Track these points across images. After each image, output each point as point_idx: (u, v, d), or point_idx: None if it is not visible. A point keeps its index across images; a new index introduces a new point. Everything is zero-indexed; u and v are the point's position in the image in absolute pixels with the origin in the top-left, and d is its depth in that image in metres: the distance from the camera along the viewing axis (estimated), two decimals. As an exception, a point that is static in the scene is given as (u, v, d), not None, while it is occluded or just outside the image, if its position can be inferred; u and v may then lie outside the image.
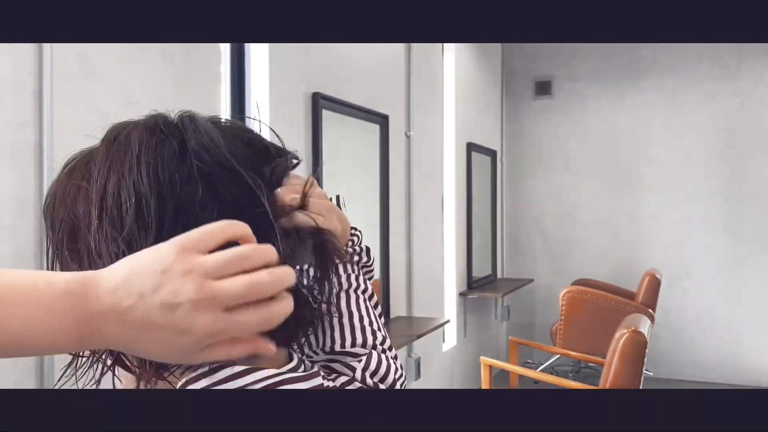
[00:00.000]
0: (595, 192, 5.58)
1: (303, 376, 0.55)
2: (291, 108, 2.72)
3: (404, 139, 3.77)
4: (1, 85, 1.61)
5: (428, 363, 3.99)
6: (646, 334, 2.53)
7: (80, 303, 0.44)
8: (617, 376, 2.41)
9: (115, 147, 0.56)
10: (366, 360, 0.63)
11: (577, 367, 5.26)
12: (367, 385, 0.62)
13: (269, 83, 2.58)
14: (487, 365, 3.02)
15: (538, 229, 5.81)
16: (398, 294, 3.67)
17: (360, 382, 0.62)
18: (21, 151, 1.64)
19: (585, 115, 5.60)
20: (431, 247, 4.17)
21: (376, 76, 3.47)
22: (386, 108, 3.49)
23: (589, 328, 4.26)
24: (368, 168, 3.42)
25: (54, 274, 0.47)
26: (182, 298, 0.44)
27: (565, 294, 4.37)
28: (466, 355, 4.84)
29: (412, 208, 3.82)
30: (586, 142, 5.60)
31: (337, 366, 0.63)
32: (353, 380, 0.62)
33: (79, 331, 0.44)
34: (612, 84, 5.49)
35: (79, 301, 0.44)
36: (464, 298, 4.74)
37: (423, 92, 3.99)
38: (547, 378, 3.17)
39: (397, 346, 3.16)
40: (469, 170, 4.83)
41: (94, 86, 1.82)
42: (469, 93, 4.97)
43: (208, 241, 0.46)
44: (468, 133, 4.88)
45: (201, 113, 0.59)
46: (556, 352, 4.10)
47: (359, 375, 0.62)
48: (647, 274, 4.64)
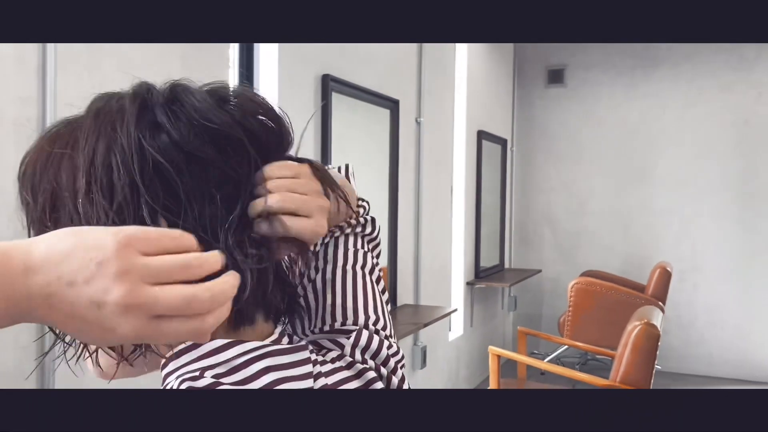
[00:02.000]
0: (606, 183, 5.51)
1: (287, 349, 0.55)
2: (300, 89, 2.67)
3: (414, 125, 3.71)
4: (4, 60, 1.56)
5: (434, 351, 3.96)
6: (659, 327, 2.48)
7: (7, 280, 0.41)
8: (629, 369, 2.37)
9: (103, 117, 0.53)
10: (356, 336, 0.61)
11: (584, 358, 5.22)
12: (357, 360, 0.60)
13: (278, 63, 2.53)
14: (495, 355, 2.98)
15: (548, 219, 5.75)
16: (406, 282, 3.63)
17: (350, 357, 0.60)
18: (23, 126, 1.59)
19: (598, 104, 5.52)
20: (439, 235, 4.12)
21: (388, 60, 3.41)
22: (397, 93, 3.44)
23: (597, 320, 4.23)
24: (378, 154, 3.37)
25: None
26: (111, 298, 0.41)
27: (574, 285, 4.32)
28: (472, 344, 4.80)
29: (421, 195, 3.77)
30: (598, 132, 5.52)
31: (325, 342, 0.62)
32: (343, 356, 0.60)
33: (8, 307, 0.41)
34: (626, 73, 5.41)
35: (6, 278, 0.41)
36: (471, 287, 4.70)
37: (434, 78, 3.93)
38: (554, 369, 3.13)
39: (403, 335, 3.12)
40: (479, 158, 4.77)
41: (99, 61, 1.77)
42: (481, 80, 4.90)
43: (155, 243, 0.43)
44: (479, 120, 4.82)
45: None
46: (565, 343, 4.06)
47: (348, 350, 0.60)
48: (657, 267, 4.58)
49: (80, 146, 0.53)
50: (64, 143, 0.55)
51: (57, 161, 0.54)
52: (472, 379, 4.85)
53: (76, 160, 0.53)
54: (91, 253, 0.41)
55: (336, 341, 0.61)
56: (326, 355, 0.59)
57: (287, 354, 0.55)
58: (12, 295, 0.41)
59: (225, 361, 0.52)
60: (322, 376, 0.57)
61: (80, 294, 0.41)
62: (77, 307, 0.41)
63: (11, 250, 0.41)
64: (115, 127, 0.52)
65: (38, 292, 0.41)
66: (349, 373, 0.59)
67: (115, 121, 0.52)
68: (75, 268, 0.41)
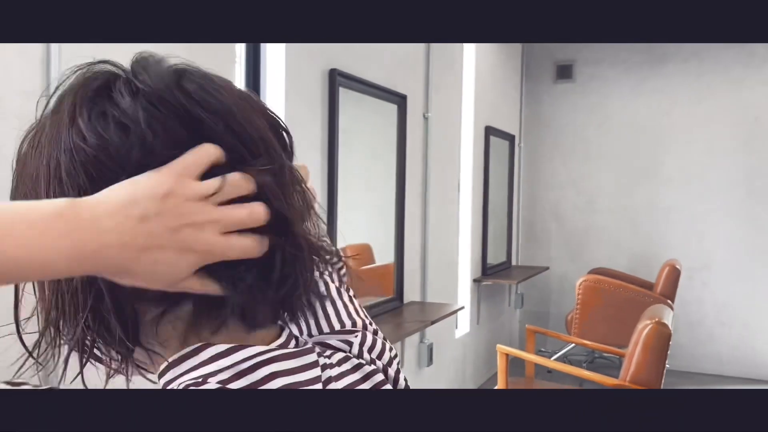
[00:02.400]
0: (614, 180, 5.46)
1: (294, 353, 0.53)
2: (307, 84, 2.64)
3: (422, 121, 3.68)
4: (7, 52, 1.54)
5: (441, 349, 3.93)
6: (670, 325, 2.45)
7: (74, 224, 0.44)
8: (639, 368, 2.33)
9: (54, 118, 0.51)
10: (362, 336, 0.61)
11: (591, 357, 5.19)
12: (365, 360, 0.59)
13: (285, 58, 2.50)
14: (504, 353, 2.95)
15: (555, 216, 5.71)
16: (412, 279, 3.61)
17: (357, 357, 0.59)
18: (28, 119, 1.57)
19: (606, 100, 5.47)
20: (446, 231, 4.09)
21: (395, 55, 3.37)
22: (404, 88, 3.41)
23: (605, 317, 4.20)
24: (385, 149, 3.34)
25: (39, 201, 0.46)
26: (187, 220, 0.46)
27: (582, 283, 4.29)
28: (479, 342, 4.78)
29: (428, 191, 3.74)
30: (607, 129, 5.48)
31: (333, 342, 0.60)
32: (349, 357, 0.59)
33: (76, 251, 0.44)
34: (635, 69, 5.36)
35: (73, 222, 0.44)
36: (478, 284, 4.67)
37: (442, 73, 3.89)
38: (563, 367, 3.10)
39: (410, 332, 3.11)
40: (486, 154, 4.74)
41: (104, 54, 1.75)
42: (489, 76, 4.87)
43: (200, 165, 0.47)
44: (486, 116, 4.78)
45: None
46: (572, 342, 4.03)
47: (356, 350, 0.60)
48: (666, 264, 4.55)
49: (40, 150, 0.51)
50: (36, 141, 0.52)
51: (25, 167, 0.53)
52: (479, 376, 4.82)
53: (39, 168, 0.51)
54: (156, 189, 0.45)
55: (345, 340, 0.60)
56: (332, 357, 0.57)
57: (294, 358, 0.53)
58: (80, 236, 0.43)
59: (229, 367, 0.50)
60: (332, 381, 0.55)
61: (155, 226, 0.45)
62: (153, 237, 0.45)
63: (76, 202, 0.44)
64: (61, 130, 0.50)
65: (109, 230, 0.44)
66: (357, 377, 0.58)
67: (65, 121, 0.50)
68: (144, 205, 0.45)
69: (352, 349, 0.59)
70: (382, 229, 3.36)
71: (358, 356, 0.59)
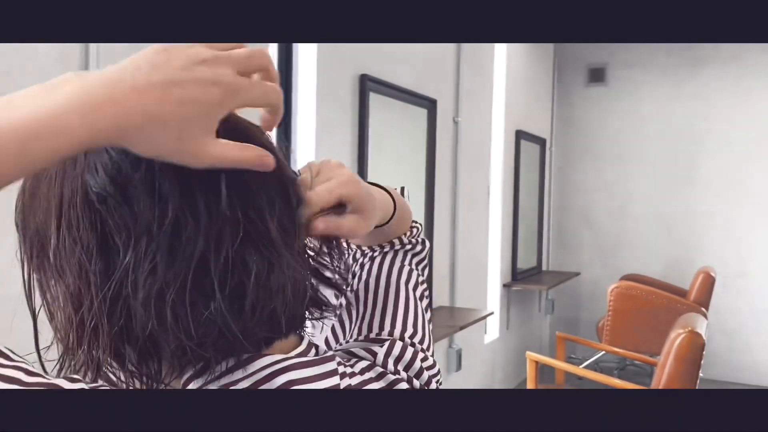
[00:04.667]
0: (648, 185, 5.37)
1: (312, 361, 0.52)
2: (338, 89, 2.66)
3: (452, 125, 3.67)
4: (47, 59, 1.58)
5: (469, 355, 3.91)
6: (704, 335, 2.40)
7: (89, 75, 0.41)
8: (671, 379, 2.29)
9: None
10: (389, 345, 0.59)
11: (622, 364, 5.11)
12: (389, 370, 0.57)
13: (317, 63, 2.52)
14: (533, 361, 2.93)
15: (587, 221, 5.64)
16: (441, 283, 3.60)
17: (381, 367, 0.58)
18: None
19: (640, 104, 5.39)
20: (476, 236, 4.07)
21: (425, 59, 3.37)
22: (434, 92, 3.40)
23: (637, 325, 4.13)
24: (414, 153, 3.34)
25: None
26: (197, 58, 0.43)
27: (614, 289, 4.22)
28: (508, 348, 4.74)
29: (457, 195, 3.72)
30: (640, 133, 5.39)
31: (357, 350, 0.59)
32: (374, 365, 0.58)
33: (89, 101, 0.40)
34: (670, 72, 5.27)
35: (88, 75, 0.41)
36: (508, 289, 4.64)
37: (472, 77, 3.88)
38: (594, 376, 3.06)
39: (438, 337, 3.08)
40: (517, 158, 4.71)
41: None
42: (520, 79, 4.83)
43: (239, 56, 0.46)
44: (517, 120, 4.75)
45: None
46: (604, 349, 3.97)
47: (381, 359, 0.58)
48: (701, 271, 4.45)
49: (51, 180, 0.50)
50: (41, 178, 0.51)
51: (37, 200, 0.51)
52: (508, 382, 4.78)
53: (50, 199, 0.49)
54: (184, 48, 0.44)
55: (369, 349, 0.59)
56: (355, 366, 0.56)
57: (312, 366, 0.52)
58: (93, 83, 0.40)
59: (247, 376, 0.50)
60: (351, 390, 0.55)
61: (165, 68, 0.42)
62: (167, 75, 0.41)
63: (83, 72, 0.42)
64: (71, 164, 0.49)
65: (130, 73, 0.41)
66: (380, 385, 0.57)
67: None
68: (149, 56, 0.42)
69: (376, 359, 0.59)
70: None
71: (383, 366, 0.58)
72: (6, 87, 1.53)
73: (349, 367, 0.55)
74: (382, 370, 0.58)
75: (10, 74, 1.50)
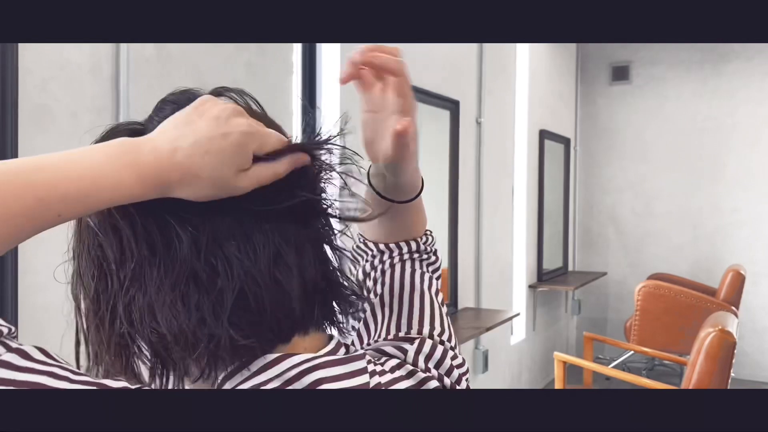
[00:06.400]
0: (674, 182, 5.31)
1: (341, 359, 0.53)
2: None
3: (475, 126, 3.67)
4: (79, 70, 1.62)
5: (496, 356, 3.91)
6: (735, 334, 2.37)
7: (133, 147, 0.50)
8: (702, 378, 2.27)
9: None
10: (419, 343, 0.60)
11: (650, 364, 5.05)
12: (420, 368, 0.58)
13: (340, 65, 2.53)
14: (561, 361, 2.91)
15: (613, 220, 5.59)
16: (467, 285, 3.60)
17: (412, 365, 0.59)
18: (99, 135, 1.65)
19: (665, 101, 5.33)
20: (501, 237, 4.07)
21: (447, 60, 3.38)
22: (457, 93, 3.41)
23: (665, 324, 4.08)
24: (437, 155, 3.35)
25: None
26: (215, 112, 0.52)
27: (641, 288, 4.18)
28: (535, 349, 4.72)
29: (481, 196, 3.72)
30: (665, 131, 5.34)
31: (388, 348, 0.60)
32: (404, 363, 0.59)
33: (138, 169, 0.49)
34: (695, 69, 5.21)
35: (133, 146, 0.50)
36: (534, 290, 4.62)
37: (495, 77, 3.87)
38: (622, 375, 3.04)
39: (464, 339, 3.08)
40: (541, 158, 4.69)
41: (170, 70, 1.82)
42: (543, 78, 4.81)
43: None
44: (541, 120, 4.73)
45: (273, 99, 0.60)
46: (632, 349, 3.94)
47: (411, 357, 0.59)
48: (730, 270, 4.39)
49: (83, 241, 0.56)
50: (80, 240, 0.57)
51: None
52: (534, 383, 4.76)
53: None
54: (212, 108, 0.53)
55: (400, 347, 0.60)
56: (385, 364, 0.57)
57: (341, 365, 0.53)
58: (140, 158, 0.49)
59: (277, 376, 0.51)
60: (381, 388, 0.55)
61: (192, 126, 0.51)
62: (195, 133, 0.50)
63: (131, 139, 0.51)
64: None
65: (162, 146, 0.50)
66: (410, 383, 0.57)
67: None
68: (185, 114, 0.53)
69: (407, 356, 0.59)
70: (435, 235, 3.36)
71: (413, 363, 0.59)
72: (43, 98, 1.55)
73: (379, 365, 0.56)
74: (413, 368, 0.58)
75: (45, 89, 1.54)
